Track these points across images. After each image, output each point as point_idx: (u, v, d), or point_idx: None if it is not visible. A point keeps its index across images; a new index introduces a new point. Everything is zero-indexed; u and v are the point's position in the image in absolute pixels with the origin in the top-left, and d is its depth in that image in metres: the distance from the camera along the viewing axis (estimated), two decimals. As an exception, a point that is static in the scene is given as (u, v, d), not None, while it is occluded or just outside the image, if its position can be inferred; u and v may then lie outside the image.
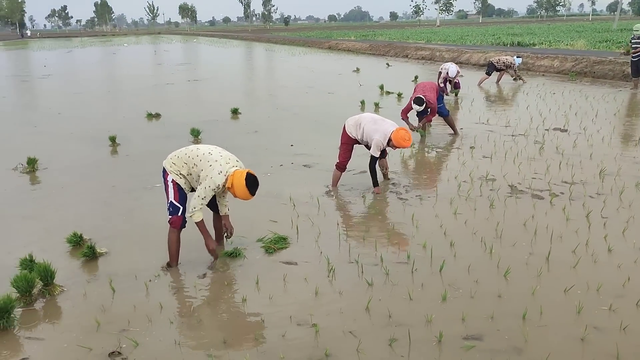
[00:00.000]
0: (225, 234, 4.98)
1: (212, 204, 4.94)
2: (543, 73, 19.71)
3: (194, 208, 4.48)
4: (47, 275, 4.28)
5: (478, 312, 3.90)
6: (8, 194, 7.12)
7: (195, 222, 4.57)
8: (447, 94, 13.75)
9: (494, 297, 4.12)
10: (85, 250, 4.96)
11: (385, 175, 7.09)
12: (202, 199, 4.47)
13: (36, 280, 4.23)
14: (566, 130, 9.63)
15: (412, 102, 9.09)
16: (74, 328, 3.87)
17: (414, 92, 9.46)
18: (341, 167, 6.82)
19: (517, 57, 16.81)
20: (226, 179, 4.45)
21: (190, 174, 4.60)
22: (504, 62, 16.37)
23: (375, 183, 6.59)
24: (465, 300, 4.09)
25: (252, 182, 4.41)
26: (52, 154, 9.05)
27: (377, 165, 6.58)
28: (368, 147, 6.54)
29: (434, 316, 3.85)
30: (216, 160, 4.48)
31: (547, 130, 9.69)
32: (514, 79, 16.68)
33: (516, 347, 3.51)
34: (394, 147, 6.37)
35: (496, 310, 3.91)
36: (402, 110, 9.58)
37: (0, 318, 3.73)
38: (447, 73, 14.04)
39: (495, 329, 3.71)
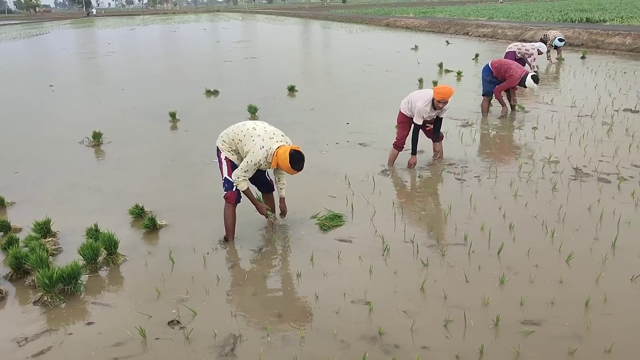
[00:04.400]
0: (280, 215, 5.04)
1: (262, 184, 5.00)
2: (613, 51, 18.69)
3: (237, 178, 4.57)
4: (111, 245, 4.45)
5: (537, 297, 3.78)
6: (75, 166, 7.43)
7: (242, 191, 4.68)
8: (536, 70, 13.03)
9: (555, 282, 3.98)
10: (146, 222, 5.13)
11: (438, 157, 6.96)
12: (245, 171, 4.54)
13: (101, 249, 4.42)
14: (637, 112, 9.12)
15: (532, 79, 8.64)
16: (136, 296, 4.02)
17: (505, 70, 8.95)
18: (398, 145, 6.74)
19: (560, 39, 15.57)
20: (268, 154, 4.46)
21: (238, 150, 4.67)
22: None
23: (414, 151, 6.65)
24: (524, 285, 3.97)
25: (296, 159, 4.35)
26: (115, 128, 9.37)
27: (418, 134, 6.62)
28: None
29: (491, 299, 3.76)
30: (259, 135, 4.50)
31: (617, 111, 9.21)
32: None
33: (577, 334, 3.38)
34: (440, 101, 6.21)
35: (557, 296, 3.77)
36: (498, 88, 9.13)
37: (68, 283, 3.93)
38: (538, 50, 12.98)
39: (555, 315, 3.59)
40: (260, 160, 4.45)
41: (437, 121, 6.64)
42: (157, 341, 3.47)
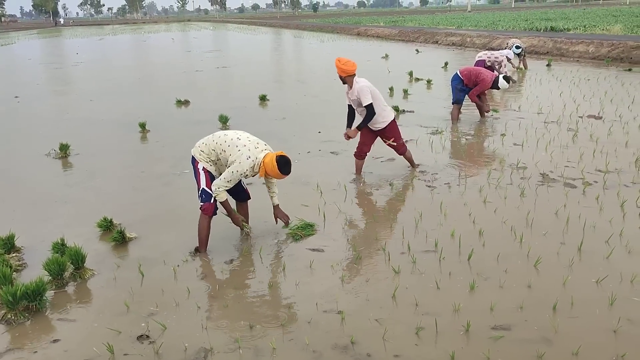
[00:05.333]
0: (282, 223, 5.12)
1: (237, 192, 4.97)
2: (577, 59, 19.19)
3: (218, 188, 4.53)
4: (78, 259, 4.36)
5: (507, 302, 3.83)
6: (41, 179, 7.28)
7: (220, 202, 4.65)
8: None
9: (524, 287, 4.04)
10: (115, 235, 5.04)
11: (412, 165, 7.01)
12: (228, 181, 4.51)
13: (67, 264, 4.31)
14: (601, 118, 9.36)
15: (504, 80, 8.95)
16: (104, 311, 3.94)
17: (476, 76, 9.14)
18: (357, 154, 6.75)
19: (517, 46, 15.72)
20: (255, 164, 4.47)
21: (219, 160, 4.64)
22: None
23: (348, 125, 6.58)
24: (493, 290, 4.02)
25: (283, 164, 4.47)
26: (83, 140, 9.21)
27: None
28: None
29: (461, 305, 3.79)
30: (245, 145, 4.50)
31: (581, 117, 9.44)
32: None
33: (546, 338, 3.43)
34: (341, 75, 6.21)
35: (526, 301, 3.83)
36: (473, 92, 9.25)
37: (33, 300, 3.82)
38: (507, 57, 13.22)
39: (524, 319, 3.64)
40: (246, 170, 4.45)
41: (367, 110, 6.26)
42: (125, 357, 3.40)
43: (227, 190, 4.72)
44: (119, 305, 3.98)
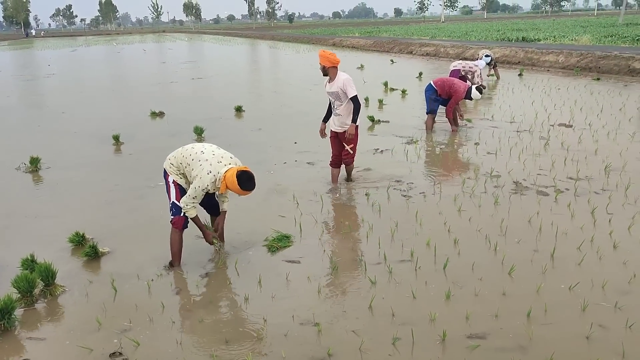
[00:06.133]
0: (214, 231, 4.93)
1: (210, 206, 4.92)
2: (548, 68, 19.58)
3: (186, 205, 4.47)
4: (48, 276, 4.26)
5: (482, 311, 3.86)
6: (10, 193, 7.12)
7: (190, 218, 4.58)
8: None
9: (499, 295, 4.07)
10: (87, 250, 4.94)
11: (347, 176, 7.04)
12: (193, 198, 4.44)
13: (37, 281, 4.21)
14: (571, 126, 9.55)
15: (476, 91, 9.14)
16: (75, 328, 3.85)
17: (449, 87, 9.27)
18: (333, 163, 6.79)
19: (486, 55, 15.88)
20: (216, 179, 4.36)
21: (185, 174, 4.58)
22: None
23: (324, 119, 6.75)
24: (469, 299, 4.04)
25: (244, 180, 4.25)
26: (55, 153, 9.05)
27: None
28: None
29: (437, 315, 3.80)
30: (207, 160, 4.40)
31: (552, 125, 9.62)
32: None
33: (521, 345, 3.46)
34: (325, 65, 6.25)
35: (500, 309, 3.86)
36: (449, 107, 9.37)
37: (1, 319, 3.72)
38: (481, 70, 13.47)
39: (499, 327, 3.66)
40: (207, 185, 4.36)
41: (354, 102, 6.36)
42: (97, 375, 3.32)
43: (201, 204, 4.67)
44: (90, 322, 3.90)
